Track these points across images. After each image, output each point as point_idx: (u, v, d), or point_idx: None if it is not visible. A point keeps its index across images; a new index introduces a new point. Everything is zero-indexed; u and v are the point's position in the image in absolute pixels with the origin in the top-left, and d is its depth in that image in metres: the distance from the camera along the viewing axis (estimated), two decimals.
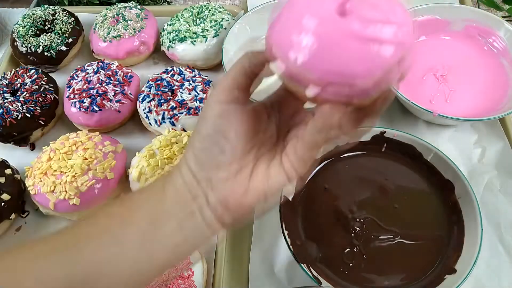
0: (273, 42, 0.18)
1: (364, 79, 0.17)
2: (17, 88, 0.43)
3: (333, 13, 0.17)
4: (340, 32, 0.17)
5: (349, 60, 0.17)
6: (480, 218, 0.31)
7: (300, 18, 0.17)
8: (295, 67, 0.17)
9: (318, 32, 0.17)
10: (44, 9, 0.49)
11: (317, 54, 0.17)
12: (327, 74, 0.17)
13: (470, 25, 0.44)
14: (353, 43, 0.16)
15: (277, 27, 0.19)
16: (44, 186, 0.35)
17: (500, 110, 0.38)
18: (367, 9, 0.17)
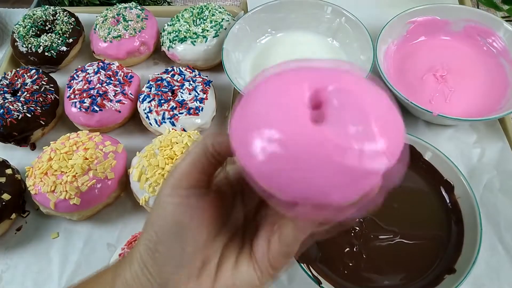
0: (233, 137, 0.15)
1: (339, 202, 0.14)
2: (18, 88, 0.43)
3: (305, 117, 0.14)
4: (311, 143, 0.14)
5: (321, 180, 0.14)
6: (479, 218, 0.31)
7: (263, 118, 0.14)
8: (254, 176, 0.15)
9: (283, 140, 0.14)
10: (44, 9, 0.49)
11: (280, 167, 0.14)
12: (294, 196, 0.14)
13: (470, 25, 0.44)
14: (326, 159, 0.13)
15: (237, 120, 0.15)
16: (44, 186, 0.35)
17: (500, 110, 0.38)
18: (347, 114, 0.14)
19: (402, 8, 0.44)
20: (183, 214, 0.17)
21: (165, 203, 0.17)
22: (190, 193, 0.17)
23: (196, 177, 0.17)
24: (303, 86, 0.15)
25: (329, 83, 0.15)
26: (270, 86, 0.16)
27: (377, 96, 0.16)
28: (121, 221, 0.38)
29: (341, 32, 0.46)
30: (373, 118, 0.14)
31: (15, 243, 0.38)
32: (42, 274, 0.36)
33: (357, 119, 0.14)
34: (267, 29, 0.48)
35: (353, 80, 0.16)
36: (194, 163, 0.17)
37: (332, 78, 0.15)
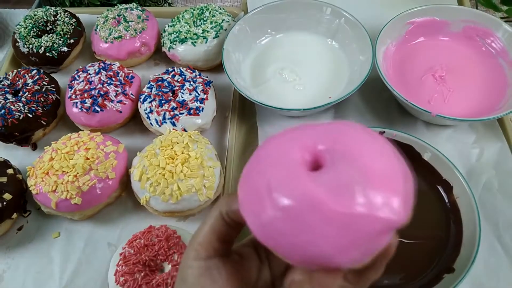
0: (240, 200, 0.16)
1: (341, 260, 0.14)
2: (19, 89, 0.43)
3: (302, 173, 0.14)
4: (309, 204, 0.13)
5: (318, 240, 0.13)
6: (478, 217, 0.32)
7: (262, 181, 0.14)
8: (261, 240, 0.15)
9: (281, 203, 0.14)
10: (45, 10, 0.49)
11: (282, 232, 0.14)
12: (302, 261, 0.14)
13: (469, 26, 0.44)
14: (324, 218, 0.13)
15: (242, 186, 0.16)
16: (46, 185, 0.36)
17: (498, 110, 0.39)
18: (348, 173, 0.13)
19: (401, 9, 0.44)
20: (203, 281, 0.17)
21: (185, 271, 0.17)
22: (212, 264, 0.17)
23: (215, 246, 0.17)
24: (300, 147, 0.15)
25: (330, 141, 0.15)
26: (269, 147, 0.16)
27: (381, 148, 0.15)
28: (122, 221, 0.38)
29: (340, 33, 0.46)
30: (377, 172, 0.14)
31: (16, 243, 0.38)
32: (43, 274, 0.36)
33: (359, 174, 0.14)
34: (267, 30, 0.48)
35: (354, 136, 0.15)
36: (212, 231, 0.17)
37: (334, 136, 0.15)
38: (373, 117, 0.43)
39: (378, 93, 0.44)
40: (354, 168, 0.14)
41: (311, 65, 0.45)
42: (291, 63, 0.46)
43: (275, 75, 0.45)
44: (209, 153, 0.37)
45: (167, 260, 0.33)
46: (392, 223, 0.14)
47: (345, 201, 0.13)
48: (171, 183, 0.34)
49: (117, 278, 0.32)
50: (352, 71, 0.44)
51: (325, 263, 0.14)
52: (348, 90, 0.39)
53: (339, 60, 0.46)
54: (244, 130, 0.44)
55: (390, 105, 0.44)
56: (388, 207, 0.14)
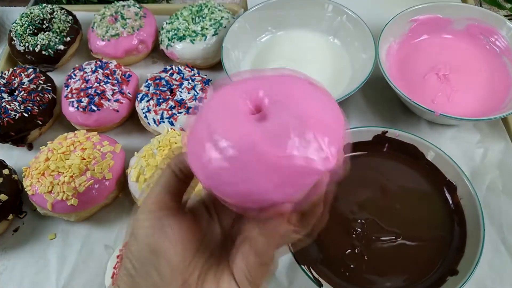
0: (187, 152, 0.17)
1: (277, 196, 0.15)
2: (15, 88, 0.43)
3: (242, 119, 0.15)
4: (247, 144, 0.14)
5: (260, 180, 0.14)
6: (482, 218, 0.31)
7: (205, 128, 0.15)
8: (204, 183, 0.16)
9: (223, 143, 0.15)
10: (42, 7, 0.49)
11: (220, 173, 0.15)
12: (242, 200, 0.15)
13: (472, 24, 0.43)
14: (263, 158, 0.14)
15: (189, 134, 0.17)
16: (41, 186, 0.35)
17: (503, 109, 0.38)
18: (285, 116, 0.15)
19: (404, 7, 0.43)
20: (155, 237, 0.17)
21: (137, 228, 0.17)
22: (161, 215, 0.17)
23: (168, 204, 0.17)
24: (243, 95, 0.16)
25: (270, 89, 0.16)
26: (214, 99, 0.17)
27: (318, 97, 0.16)
28: (119, 222, 0.38)
29: (342, 30, 0.45)
30: (311, 119, 0.15)
31: (12, 244, 0.37)
32: (40, 275, 0.36)
33: (295, 120, 0.15)
34: (267, 27, 0.47)
35: (294, 85, 0.17)
36: (164, 187, 0.18)
37: (273, 85, 0.16)
38: (375, 116, 0.42)
39: (381, 91, 0.43)
40: (291, 115, 0.15)
41: (312, 63, 0.45)
42: (292, 61, 0.45)
43: None
44: None
45: None
46: (319, 164, 0.15)
47: (279, 144, 0.15)
48: None
49: (114, 281, 0.32)
50: (354, 70, 0.43)
51: (263, 200, 0.15)
52: (350, 89, 0.39)
53: (341, 58, 0.45)
54: None
55: (393, 104, 0.43)
56: (318, 151, 0.15)
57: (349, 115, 0.43)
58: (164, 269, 0.17)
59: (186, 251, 0.18)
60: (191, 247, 0.18)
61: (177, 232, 0.17)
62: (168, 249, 0.17)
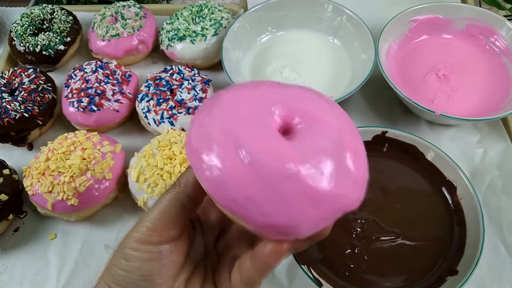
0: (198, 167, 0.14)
1: (304, 231, 0.14)
2: (15, 88, 0.43)
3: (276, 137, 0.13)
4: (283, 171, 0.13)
5: (298, 216, 0.13)
6: (482, 218, 0.31)
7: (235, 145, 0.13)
8: (228, 209, 0.14)
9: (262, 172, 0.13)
10: (42, 8, 0.49)
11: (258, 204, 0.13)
12: (270, 229, 0.14)
13: (472, 24, 0.43)
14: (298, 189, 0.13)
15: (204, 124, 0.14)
16: (42, 186, 0.35)
17: (502, 109, 0.38)
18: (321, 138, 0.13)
19: (403, 7, 0.43)
20: (151, 270, 0.16)
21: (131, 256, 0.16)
22: (161, 249, 0.16)
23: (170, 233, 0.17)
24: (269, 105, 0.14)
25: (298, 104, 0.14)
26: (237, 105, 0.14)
27: (345, 120, 0.15)
28: (119, 222, 0.38)
29: (342, 30, 0.45)
30: (346, 146, 0.14)
31: (12, 244, 0.37)
32: (40, 275, 0.36)
33: (332, 147, 0.14)
34: (268, 28, 0.47)
35: (320, 104, 0.15)
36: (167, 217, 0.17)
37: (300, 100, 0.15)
38: (375, 117, 0.42)
39: (381, 92, 0.43)
40: (327, 140, 0.14)
41: (312, 63, 0.45)
42: (292, 61, 0.45)
43: (276, 74, 0.44)
44: None
45: None
46: (356, 195, 0.14)
47: (320, 176, 0.13)
48: (169, 184, 0.34)
49: None
50: (354, 70, 0.43)
51: (293, 233, 0.14)
52: (350, 89, 0.39)
53: (340, 58, 0.45)
54: None
55: (393, 104, 0.43)
56: (355, 181, 0.14)
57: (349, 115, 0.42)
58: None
59: (176, 274, 0.17)
60: (180, 266, 0.17)
61: (173, 257, 0.17)
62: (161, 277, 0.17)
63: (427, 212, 0.34)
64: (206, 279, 0.18)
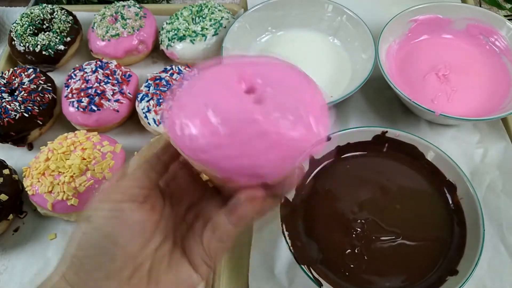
0: (173, 131, 0.16)
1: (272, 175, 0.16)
2: (15, 88, 0.43)
3: (241, 98, 0.16)
4: (246, 118, 0.15)
5: (262, 158, 0.15)
6: (482, 218, 0.31)
7: (205, 106, 0.16)
8: (202, 161, 0.16)
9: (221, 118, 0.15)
10: (42, 7, 0.49)
11: (226, 149, 0.15)
12: (236, 173, 0.16)
13: (472, 24, 0.43)
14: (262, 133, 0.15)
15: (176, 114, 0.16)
16: (42, 186, 0.35)
17: (503, 109, 0.38)
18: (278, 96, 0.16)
19: (403, 7, 0.43)
20: (113, 228, 0.16)
21: (93, 216, 0.17)
22: (126, 208, 0.16)
23: (135, 192, 0.17)
24: (236, 74, 0.17)
25: (261, 71, 0.17)
26: (204, 78, 0.17)
27: (305, 80, 0.17)
28: None
29: (342, 30, 0.45)
30: (304, 100, 0.16)
31: (12, 244, 0.37)
32: (40, 275, 0.35)
33: (290, 101, 0.16)
34: (267, 27, 0.47)
35: (281, 68, 0.18)
36: (132, 176, 0.17)
37: (262, 67, 0.17)
38: (375, 116, 0.42)
39: (381, 92, 0.43)
40: (285, 96, 0.16)
41: (312, 63, 0.45)
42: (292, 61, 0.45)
43: None
44: None
45: None
46: (313, 142, 0.16)
47: (279, 122, 0.15)
48: None
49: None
50: (354, 70, 0.43)
51: (259, 174, 0.16)
52: (350, 89, 0.39)
53: (341, 58, 0.45)
54: None
55: (393, 104, 0.43)
56: (312, 129, 0.16)
57: (349, 115, 0.43)
58: (117, 259, 0.16)
59: (141, 238, 0.17)
60: (147, 233, 0.17)
61: (138, 222, 0.17)
62: (126, 238, 0.16)
63: (427, 212, 0.34)
64: (175, 248, 0.18)
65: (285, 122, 0.15)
